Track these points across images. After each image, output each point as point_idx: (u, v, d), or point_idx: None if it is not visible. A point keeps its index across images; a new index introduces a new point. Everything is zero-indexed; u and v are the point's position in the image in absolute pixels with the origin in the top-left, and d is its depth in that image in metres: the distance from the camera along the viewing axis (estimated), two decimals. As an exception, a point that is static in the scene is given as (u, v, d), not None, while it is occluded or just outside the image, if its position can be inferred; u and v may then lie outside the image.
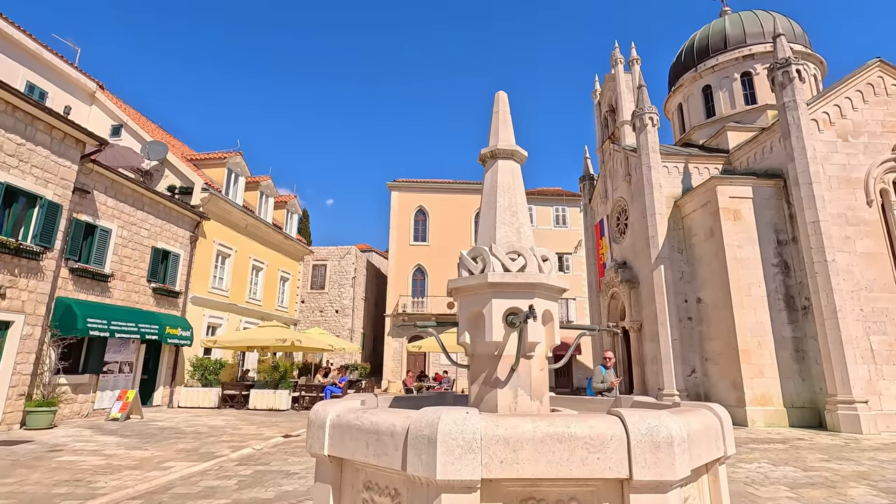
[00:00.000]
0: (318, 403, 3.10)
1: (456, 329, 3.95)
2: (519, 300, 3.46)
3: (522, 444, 2.30)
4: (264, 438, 10.97)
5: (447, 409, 2.41)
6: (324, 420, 2.90)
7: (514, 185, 3.95)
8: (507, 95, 4.28)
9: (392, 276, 31.37)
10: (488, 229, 3.83)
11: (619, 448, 2.33)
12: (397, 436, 2.47)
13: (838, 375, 11.88)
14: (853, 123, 14.06)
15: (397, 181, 32.87)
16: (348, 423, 2.76)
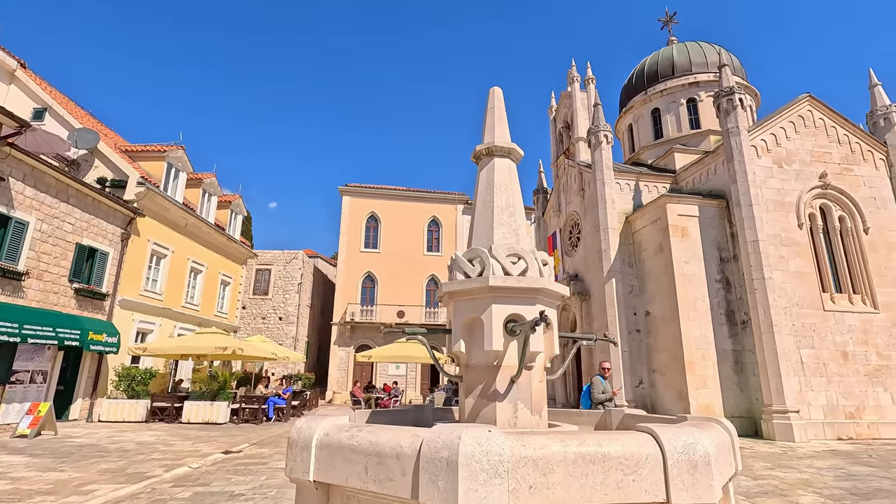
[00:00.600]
0: (301, 420, 2.70)
1: (405, 337, 3.66)
2: (520, 306, 3.23)
3: (553, 466, 2.04)
4: (202, 455, 10.04)
5: (466, 427, 2.10)
6: (309, 439, 2.51)
7: (511, 184, 3.74)
8: (502, 91, 4.08)
9: (340, 283, 30.43)
10: (484, 229, 3.58)
11: (656, 469, 2.12)
12: (405, 458, 2.14)
13: (773, 387, 12.59)
14: (786, 151, 15.18)
15: (349, 186, 32.09)
16: (340, 444, 2.39)
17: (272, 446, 11.49)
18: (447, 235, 32.42)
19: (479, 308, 3.23)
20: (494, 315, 3.16)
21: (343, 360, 29.37)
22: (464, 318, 3.30)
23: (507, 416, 3.11)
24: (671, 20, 23.56)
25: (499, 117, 3.96)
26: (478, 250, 3.39)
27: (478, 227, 3.64)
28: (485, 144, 3.83)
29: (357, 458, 2.30)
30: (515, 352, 3.22)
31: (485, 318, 3.19)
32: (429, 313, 30.48)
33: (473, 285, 3.21)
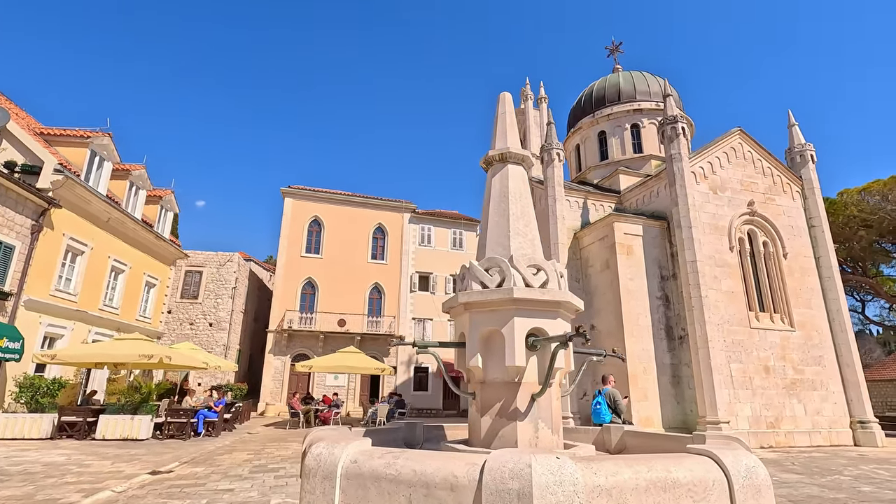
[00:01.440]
0: (318, 444, 2.36)
1: (416, 349, 3.43)
2: (543, 319, 3.08)
3: (626, 495, 1.88)
4: (125, 477, 8.97)
5: (532, 454, 1.90)
6: (331, 468, 2.19)
7: (524, 192, 3.61)
8: (511, 96, 3.97)
9: (279, 288, 29.00)
10: (499, 238, 3.42)
11: (722, 494, 2.03)
12: (462, 490, 1.90)
13: (708, 399, 13.39)
14: (721, 179, 16.41)
15: (292, 188, 30.83)
16: (375, 473, 2.10)
17: (207, 465, 10.52)
18: (393, 244, 31.96)
19: (499, 321, 3.06)
20: (517, 328, 2.99)
21: (278, 370, 27.88)
22: (481, 331, 3.10)
23: (529, 437, 2.94)
24: (617, 49, 24.94)
25: (510, 123, 3.84)
26: (496, 259, 3.22)
27: (492, 235, 3.47)
28: (498, 150, 3.68)
29: (398, 489, 2.02)
30: (535, 368, 3.07)
31: (506, 331, 3.01)
32: (371, 322, 29.76)
33: (495, 296, 3.02)
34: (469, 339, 3.13)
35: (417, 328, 30.95)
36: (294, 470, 9.86)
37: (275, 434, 16.96)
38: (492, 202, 3.58)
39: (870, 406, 15.17)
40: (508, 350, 2.97)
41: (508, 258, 3.17)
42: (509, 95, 3.95)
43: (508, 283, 3.10)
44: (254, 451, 12.78)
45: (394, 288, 31.14)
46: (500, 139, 3.79)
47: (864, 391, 15.23)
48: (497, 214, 3.51)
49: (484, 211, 3.65)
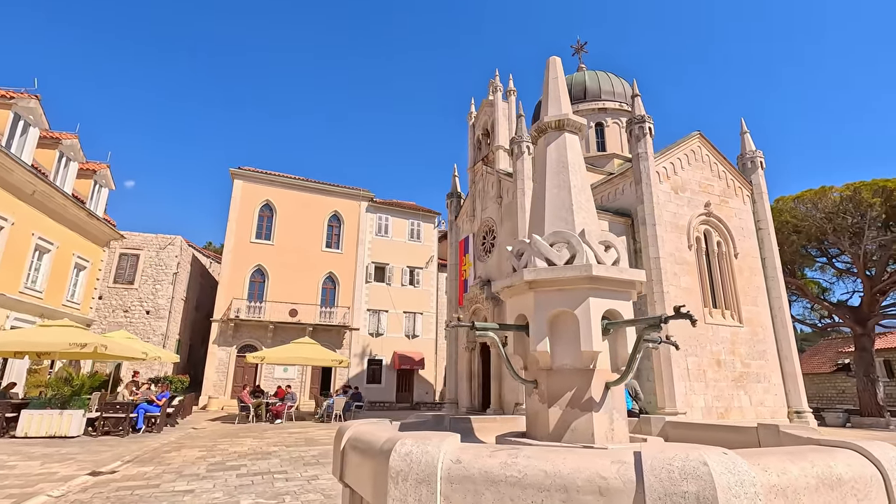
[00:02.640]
0: (405, 442, 1.94)
1: (476, 333, 3.09)
2: (616, 301, 2.80)
3: (799, 494, 1.63)
4: (61, 479, 7.95)
5: (698, 449, 1.61)
6: (429, 469, 1.79)
7: (582, 164, 3.32)
8: (561, 61, 3.66)
9: (225, 275, 27.33)
10: (560, 212, 3.10)
11: (880, 491, 1.82)
12: (616, 494, 1.57)
13: (667, 391, 13.85)
14: (681, 180, 17.01)
15: (243, 169, 29.10)
16: (489, 475, 1.72)
17: (155, 464, 9.57)
18: (349, 233, 30.99)
19: (571, 301, 2.75)
20: (593, 310, 2.70)
21: (223, 362, 26.31)
22: (549, 312, 2.78)
23: (605, 429, 2.66)
24: (582, 48, 25.35)
25: (563, 89, 3.54)
26: (564, 234, 2.90)
27: (551, 208, 3.14)
28: (555, 117, 3.36)
29: (524, 495, 1.66)
30: (608, 353, 2.80)
31: (580, 312, 2.71)
32: (323, 313, 28.73)
33: (569, 274, 2.71)
34: (534, 322, 2.80)
35: (372, 320, 30.26)
36: (257, 468, 9.16)
37: (224, 429, 15.88)
38: (548, 173, 3.25)
39: (805, 397, 16.36)
40: (584, 333, 2.67)
41: (580, 233, 2.86)
42: (559, 59, 3.64)
43: (580, 259, 2.80)
44: (205, 447, 11.83)
45: (349, 278, 30.23)
46: (554, 105, 3.47)
47: (801, 383, 16.40)
48: (555, 186, 3.19)
49: (538, 182, 3.32)
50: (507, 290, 3.03)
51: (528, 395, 2.97)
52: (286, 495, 7.04)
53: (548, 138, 3.38)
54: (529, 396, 2.94)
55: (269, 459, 10.11)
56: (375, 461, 2.04)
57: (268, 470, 8.97)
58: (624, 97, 22.03)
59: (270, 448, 11.76)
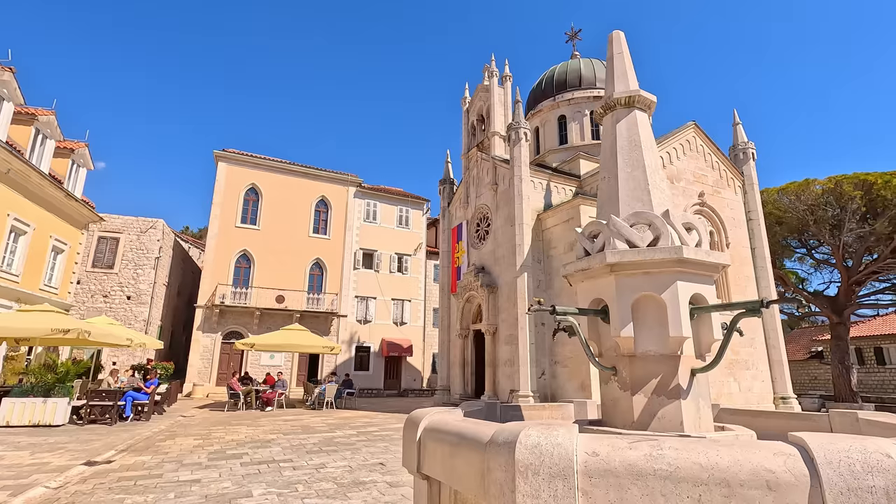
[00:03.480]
0: (527, 432, 1.80)
1: (556, 318, 2.96)
2: (701, 285, 2.70)
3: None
4: (56, 470, 7.61)
5: (876, 440, 1.50)
6: (566, 462, 1.67)
7: (653, 143, 3.18)
8: (624, 35, 3.49)
9: (210, 260, 26.63)
10: (636, 192, 2.97)
11: None
12: (787, 489, 1.48)
13: (662, 377, 14.04)
14: (676, 170, 17.12)
15: (228, 151, 28.24)
16: (634, 468, 1.61)
17: (152, 453, 9.27)
18: (336, 218, 30.49)
19: (657, 285, 2.63)
20: (681, 294, 2.58)
21: (207, 349, 25.76)
22: (632, 296, 2.66)
23: (693, 418, 2.56)
24: (576, 36, 25.18)
25: (629, 64, 3.38)
26: (647, 215, 2.77)
27: (626, 189, 3.01)
28: (625, 93, 3.21)
29: (678, 490, 1.54)
30: (692, 339, 2.69)
31: (667, 297, 2.59)
32: (311, 299, 28.32)
33: (657, 256, 2.58)
34: (617, 306, 2.67)
35: (360, 307, 29.98)
36: (259, 456, 8.95)
37: (214, 417, 15.56)
38: (620, 152, 3.11)
39: (790, 384, 16.84)
40: (672, 318, 2.56)
41: (663, 214, 2.74)
42: (622, 33, 3.48)
43: (665, 241, 2.67)
44: (200, 436, 11.55)
45: (336, 264, 29.82)
46: (621, 81, 3.32)
47: (787, 370, 16.86)
48: (629, 166, 3.05)
49: (608, 162, 3.18)
50: (581, 273, 2.89)
51: (603, 383, 2.86)
52: (298, 484, 6.88)
53: (616, 115, 3.23)
54: (606, 384, 2.83)
55: (270, 448, 9.90)
56: (486, 454, 1.89)
57: (271, 458, 8.78)
58: (619, 86, 21.97)
59: (268, 436, 11.54)
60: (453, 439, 2.20)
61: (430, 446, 2.41)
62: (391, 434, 12.06)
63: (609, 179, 3.10)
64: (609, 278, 2.73)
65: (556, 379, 15.85)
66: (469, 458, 2.02)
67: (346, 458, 8.76)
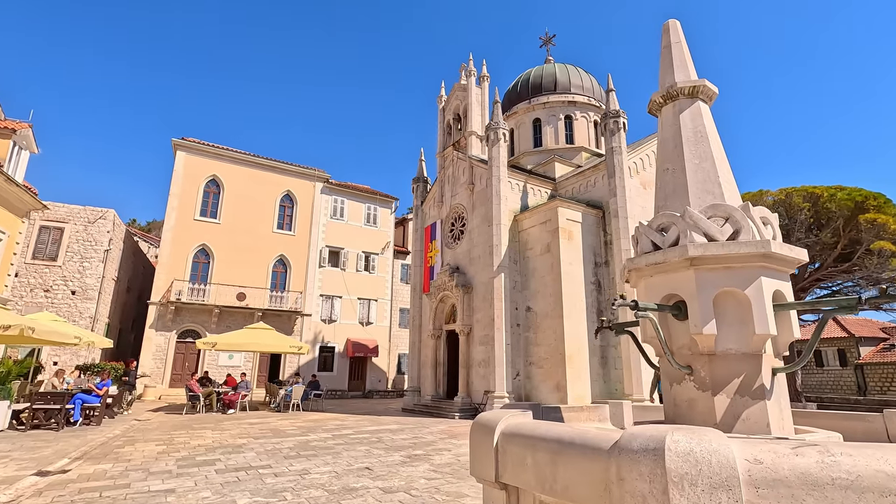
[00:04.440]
0: (673, 437, 1.62)
1: (635, 314, 2.81)
2: (780, 281, 2.61)
3: None
4: (3, 482, 6.82)
5: None
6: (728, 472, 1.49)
7: (717, 135, 3.09)
8: (679, 24, 3.38)
9: (166, 254, 25.16)
10: (706, 185, 2.86)
11: None
12: None
13: (635, 378, 14.32)
14: (649, 176, 17.58)
15: (187, 140, 26.80)
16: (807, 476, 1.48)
17: (112, 461, 8.51)
18: (302, 214, 29.54)
19: (740, 280, 2.51)
20: (765, 289, 2.48)
21: (161, 348, 24.30)
22: (713, 292, 2.53)
23: (777, 419, 2.46)
24: (550, 41, 25.50)
25: (687, 53, 3.28)
26: (725, 207, 2.66)
27: (695, 181, 2.89)
28: (687, 82, 3.10)
29: (860, 501, 1.39)
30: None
31: (752, 293, 2.49)
32: (274, 297, 27.28)
33: (743, 250, 2.47)
34: (698, 302, 2.54)
35: (325, 305, 29.17)
36: (234, 462, 8.39)
37: (173, 421, 14.61)
38: (686, 143, 2.99)
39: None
40: (758, 315, 2.45)
41: (742, 207, 2.63)
42: (678, 22, 3.37)
43: (747, 235, 2.57)
44: (161, 441, 10.76)
45: (301, 261, 28.89)
46: (681, 70, 3.21)
47: (746, 371, 17.65)
48: (696, 157, 2.94)
49: (671, 153, 3.05)
50: (652, 267, 2.74)
51: (674, 383, 2.72)
52: (285, 492, 6.44)
53: (679, 106, 3.12)
54: (678, 384, 2.69)
55: (244, 453, 9.32)
56: (613, 461, 1.69)
57: (248, 464, 8.24)
58: (592, 92, 22.41)
59: (237, 440, 10.89)
60: (553, 445, 1.98)
61: (513, 452, 2.18)
62: (368, 437, 11.67)
63: (674, 171, 2.98)
64: (687, 273, 2.60)
65: (530, 380, 15.88)
66: (582, 465, 1.82)
67: (328, 464, 8.35)
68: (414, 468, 8.04)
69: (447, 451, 9.68)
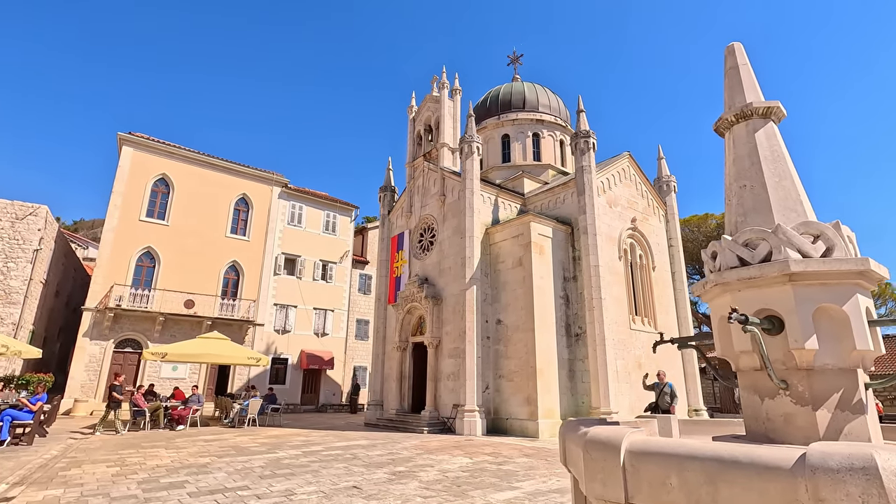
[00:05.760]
0: (879, 453, 1.58)
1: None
2: (868, 298, 2.70)
3: None
4: (-65, 513, 5.90)
5: None
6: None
7: (789, 156, 3.19)
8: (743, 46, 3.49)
9: (105, 256, 23.25)
10: (788, 203, 2.93)
11: None
12: None
13: (602, 391, 14.67)
14: (614, 195, 18.28)
15: (135, 135, 25.08)
16: None
17: (60, 485, 7.60)
18: (258, 219, 28.32)
19: (836, 296, 2.58)
20: (861, 306, 2.56)
21: (95, 358, 22.29)
22: (812, 307, 2.57)
23: (875, 433, 2.52)
24: (517, 60, 26.18)
25: (753, 76, 3.39)
26: (816, 224, 2.73)
27: (777, 198, 2.96)
28: (762, 103, 3.19)
29: None
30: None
31: (849, 309, 2.55)
32: (225, 306, 25.82)
33: (843, 267, 2.54)
34: (797, 317, 2.57)
35: (279, 315, 27.96)
36: (206, 484, 7.72)
37: (117, 439, 13.34)
38: (763, 161, 3.07)
39: (701, 397, 18.53)
40: (857, 331, 2.52)
41: (833, 224, 2.71)
42: (741, 45, 3.49)
43: (840, 252, 2.64)
44: (111, 461, 9.77)
45: (255, 268, 27.61)
46: (751, 91, 3.31)
47: (699, 384, 18.55)
48: (776, 176, 3.02)
49: (747, 171, 3.11)
50: (742, 282, 2.76)
51: (768, 397, 2.73)
52: (276, 516, 5.97)
53: (753, 125, 3.20)
54: (772, 398, 2.70)
55: (213, 473, 8.61)
56: (803, 481, 1.63)
57: (222, 486, 7.61)
58: (558, 112, 23.16)
59: (198, 459, 10.08)
60: (711, 464, 1.91)
61: (649, 471, 2.09)
62: (341, 454, 11.15)
63: (754, 188, 3.04)
64: (784, 288, 2.63)
65: (500, 393, 15.88)
66: (755, 486, 1.75)
67: (311, 483, 7.87)
68: (404, 485, 7.73)
69: (430, 468, 9.41)
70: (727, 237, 2.97)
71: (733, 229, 3.09)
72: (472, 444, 12.84)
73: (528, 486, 7.73)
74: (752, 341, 2.82)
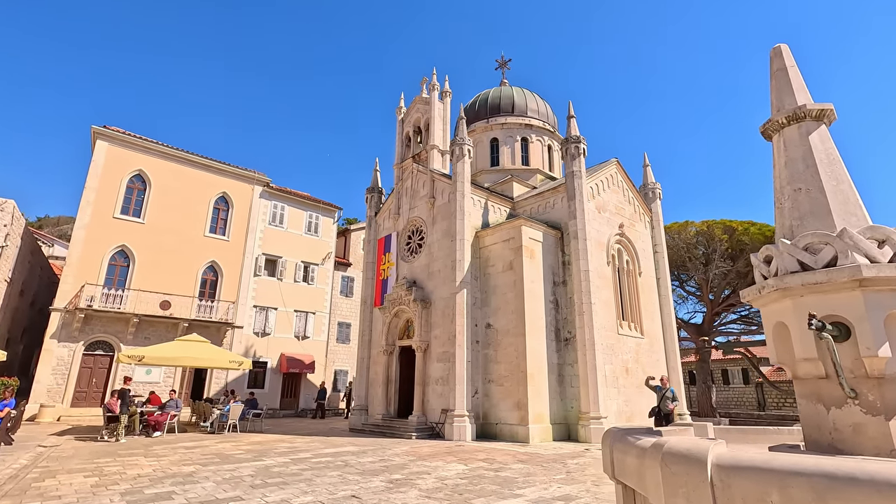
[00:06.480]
0: None
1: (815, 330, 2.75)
2: (931, 304, 2.65)
3: None
4: None
5: None
6: None
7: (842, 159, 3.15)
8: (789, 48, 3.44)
9: (76, 255, 22.24)
10: (847, 206, 2.88)
11: None
12: None
13: (592, 396, 14.69)
14: (602, 201, 18.42)
15: (110, 129, 24.15)
16: None
17: (35, 497, 7.11)
18: (238, 218, 27.58)
19: (907, 302, 2.51)
20: (930, 312, 2.50)
21: (63, 361, 21.26)
22: (882, 314, 2.51)
23: (945, 443, 2.45)
24: (505, 64, 26.26)
25: (801, 77, 3.34)
26: (882, 229, 2.68)
27: (835, 202, 2.90)
28: (815, 105, 3.13)
29: None
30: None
31: (922, 316, 2.48)
32: (203, 307, 25.02)
33: (915, 273, 2.47)
34: (869, 324, 2.50)
35: (259, 317, 27.25)
36: (196, 495, 7.34)
37: (91, 447, 12.68)
38: (819, 165, 3.01)
39: (685, 401, 18.76)
40: (929, 338, 2.45)
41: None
42: (787, 46, 3.44)
43: (906, 257, 2.58)
44: (88, 471, 9.23)
45: (234, 269, 26.86)
46: (801, 93, 3.25)
47: (683, 389, 18.77)
48: (833, 179, 2.96)
49: (802, 174, 3.04)
50: (806, 287, 2.67)
51: (834, 406, 2.65)
52: (277, 529, 5.67)
53: (807, 127, 3.14)
54: (839, 407, 2.62)
55: (200, 483, 8.21)
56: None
57: (213, 497, 7.24)
58: (546, 117, 23.29)
59: (183, 468, 9.62)
60: (819, 480, 1.79)
61: (744, 487, 1.97)
62: (331, 461, 10.82)
63: (810, 192, 2.97)
64: (853, 294, 2.56)
65: (489, 398, 15.74)
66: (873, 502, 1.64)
67: (307, 493, 7.56)
68: (404, 494, 7.50)
69: (427, 475, 9.18)
70: (785, 241, 2.89)
71: (788, 233, 3.01)
72: (463, 449, 12.65)
73: (530, 494, 7.59)
74: (820, 348, 2.74)
